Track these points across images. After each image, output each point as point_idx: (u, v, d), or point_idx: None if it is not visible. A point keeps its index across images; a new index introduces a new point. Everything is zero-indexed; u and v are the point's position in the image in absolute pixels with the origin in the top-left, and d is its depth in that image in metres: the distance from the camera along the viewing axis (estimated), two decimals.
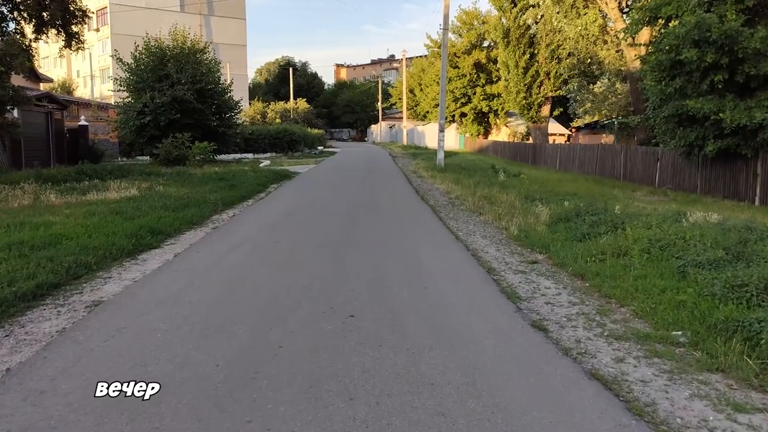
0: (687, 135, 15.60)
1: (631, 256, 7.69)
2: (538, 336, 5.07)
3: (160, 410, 3.52)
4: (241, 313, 5.39)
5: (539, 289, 6.66)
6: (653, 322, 5.46)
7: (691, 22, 13.72)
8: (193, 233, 9.98)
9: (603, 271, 7.18)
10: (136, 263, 7.63)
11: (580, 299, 6.28)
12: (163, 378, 3.93)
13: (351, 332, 4.97)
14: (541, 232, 10.02)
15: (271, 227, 10.56)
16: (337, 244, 8.95)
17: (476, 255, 8.45)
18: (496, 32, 35.54)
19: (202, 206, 12.58)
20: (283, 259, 7.82)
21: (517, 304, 6.04)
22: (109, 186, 15.52)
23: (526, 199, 14.36)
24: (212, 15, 71.02)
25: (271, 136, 40.59)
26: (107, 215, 10.54)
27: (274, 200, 15.12)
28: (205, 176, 19.42)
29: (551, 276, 7.29)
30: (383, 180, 22.23)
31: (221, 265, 7.43)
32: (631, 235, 8.40)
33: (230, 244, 8.79)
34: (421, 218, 12.24)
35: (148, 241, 8.81)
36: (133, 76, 28.10)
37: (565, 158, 28.45)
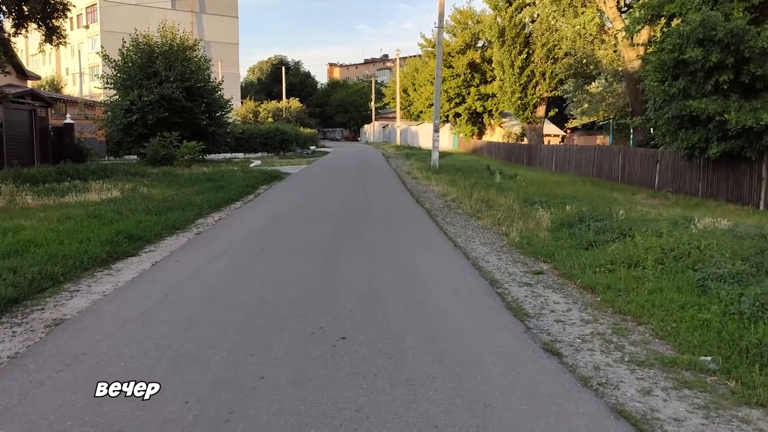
0: (689, 137, 15.11)
1: (644, 267, 7.16)
2: (552, 362, 4.52)
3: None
4: (219, 336, 4.81)
5: (547, 304, 6.11)
6: (677, 344, 4.93)
7: (696, 20, 13.23)
8: (175, 239, 9.38)
9: (614, 284, 6.65)
10: (109, 274, 7.02)
11: (593, 316, 5.74)
12: (119, 421, 3.35)
13: (342, 358, 4.40)
14: (544, 239, 9.48)
15: (258, 232, 9.96)
16: (327, 251, 8.37)
17: (477, 264, 7.90)
18: (491, 31, 35.05)
19: (187, 209, 11.96)
20: (268, 269, 7.23)
21: (525, 322, 5.49)
22: (91, 187, 14.86)
23: (525, 203, 13.83)
24: (204, 12, 70.17)
25: (263, 135, 39.91)
26: (84, 219, 9.90)
27: (262, 203, 14.52)
28: (192, 177, 18.77)
29: (559, 289, 6.75)
30: (377, 181, 21.66)
31: (201, 275, 6.84)
32: (641, 244, 7.88)
33: (213, 252, 8.19)
34: (417, 223, 11.68)
35: (124, 248, 8.19)
36: (120, 73, 27.37)
37: (561, 160, 27.98)
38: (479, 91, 46.67)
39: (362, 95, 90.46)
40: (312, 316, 5.38)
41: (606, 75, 25.29)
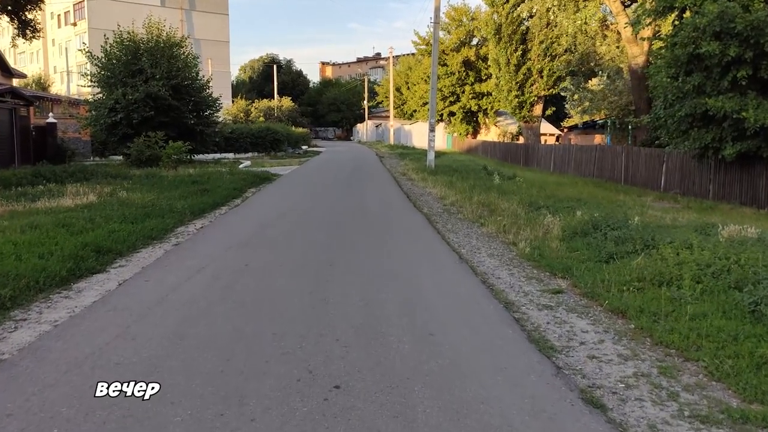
0: (702, 136, 14.31)
1: (679, 286, 6.30)
2: (596, 420, 3.64)
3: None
4: (183, 387, 3.89)
5: (575, 334, 5.25)
6: (740, 389, 4.07)
7: (713, 12, 12.41)
8: (150, 251, 8.44)
9: (647, 307, 5.79)
10: (68, 296, 6.09)
11: (631, 350, 4.88)
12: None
13: (336, 419, 3.50)
14: (557, 250, 8.62)
15: (242, 244, 9.03)
16: (318, 268, 7.46)
17: (487, 281, 7.03)
18: (488, 28, 34.16)
19: (167, 216, 11.02)
20: (250, 291, 6.31)
21: (553, 359, 4.62)
22: (67, 191, 13.88)
23: (529, 207, 12.99)
24: (194, 10, 69.08)
25: (253, 135, 38.88)
26: (50, 229, 8.94)
27: (250, 208, 13.58)
28: (177, 179, 17.80)
29: (584, 313, 5.88)
30: (371, 183, 20.75)
31: (172, 300, 5.90)
32: (671, 258, 7.03)
33: (189, 268, 7.26)
34: (417, 231, 10.78)
35: (90, 263, 7.26)
36: (103, 70, 26.30)
37: (560, 160, 27.17)
38: (474, 89, 45.86)
39: (355, 94, 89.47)
40: (299, 354, 4.48)
41: (609, 72, 24.49)
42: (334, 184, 19.86)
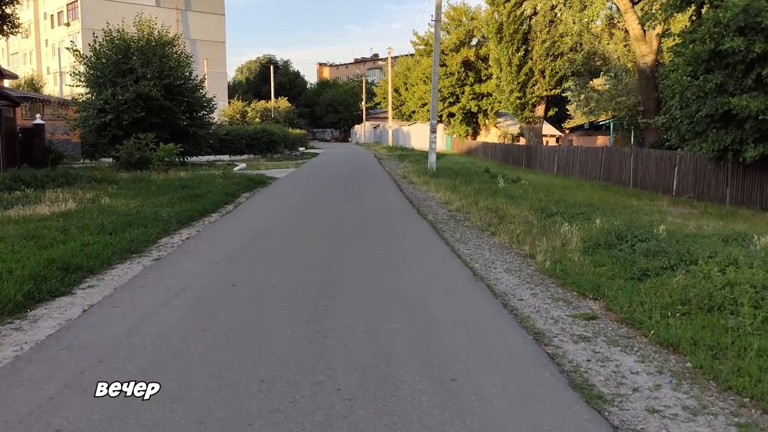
0: (722, 138, 13.46)
1: (734, 312, 5.43)
2: None
3: None
4: None
5: (623, 376, 4.36)
6: None
7: (738, 6, 11.57)
8: (127, 268, 7.53)
9: (701, 338, 4.92)
10: (20, 327, 5.18)
11: (698, 399, 4.00)
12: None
13: None
14: (580, 264, 7.74)
15: (231, 259, 8.11)
16: (315, 289, 6.54)
17: (509, 304, 6.14)
18: (488, 27, 33.31)
19: (150, 225, 10.11)
20: (236, 321, 5.39)
21: (606, 414, 3.73)
22: (45, 197, 12.96)
23: (541, 213, 12.13)
24: (189, 10, 68.09)
25: (249, 136, 37.97)
26: (17, 241, 8.02)
27: (242, 216, 12.66)
28: (166, 183, 16.88)
29: (628, 346, 5.00)
30: (371, 187, 19.83)
31: (141, 334, 4.98)
32: (717, 277, 6.15)
33: (167, 290, 6.35)
34: (423, 241, 9.88)
35: (54, 284, 6.34)
36: (92, 70, 25.35)
37: (564, 162, 26.33)
38: (474, 90, 45.08)
39: (353, 95, 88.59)
40: (291, 412, 3.58)
41: (616, 71, 23.64)
42: (332, 189, 18.96)
